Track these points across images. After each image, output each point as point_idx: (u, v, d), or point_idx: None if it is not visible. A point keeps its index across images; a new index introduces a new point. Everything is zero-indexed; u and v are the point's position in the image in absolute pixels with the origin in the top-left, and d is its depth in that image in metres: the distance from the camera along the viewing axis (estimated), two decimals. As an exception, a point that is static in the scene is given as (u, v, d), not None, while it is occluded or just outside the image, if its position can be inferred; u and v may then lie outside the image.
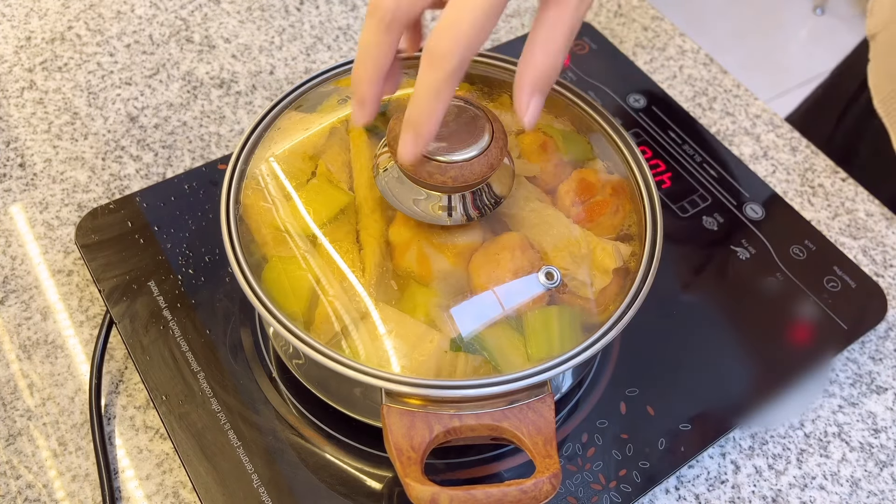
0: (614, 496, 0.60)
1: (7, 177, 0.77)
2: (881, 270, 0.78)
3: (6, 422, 0.62)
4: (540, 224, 0.58)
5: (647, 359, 0.68)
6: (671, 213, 0.77)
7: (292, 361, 0.62)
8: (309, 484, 0.59)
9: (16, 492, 0.59)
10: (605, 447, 0.62)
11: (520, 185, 0.60)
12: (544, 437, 0.48)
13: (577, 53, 0.91)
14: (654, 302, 0.57)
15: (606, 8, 1.00)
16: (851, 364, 0.72)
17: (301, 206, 0.57)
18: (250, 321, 0.67)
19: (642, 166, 0.61)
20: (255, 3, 0.95)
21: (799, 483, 0.65)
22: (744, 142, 0.87)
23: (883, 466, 0.66)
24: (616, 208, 0.60)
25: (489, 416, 0.49)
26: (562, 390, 0.64)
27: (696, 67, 0.94)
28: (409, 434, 0.48)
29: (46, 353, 0.66)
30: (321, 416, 0.62)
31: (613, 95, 0.87)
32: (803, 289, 0.73)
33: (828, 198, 0.83)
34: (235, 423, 0.60)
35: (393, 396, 0.49)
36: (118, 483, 0.60)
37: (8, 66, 0.86)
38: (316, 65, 0.89)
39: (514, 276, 0.54)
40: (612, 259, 0.57)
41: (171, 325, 0.65)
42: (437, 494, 0.45)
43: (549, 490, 0.46)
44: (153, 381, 0.62)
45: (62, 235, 0.73)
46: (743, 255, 0.75)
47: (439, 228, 0.55)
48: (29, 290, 0.69)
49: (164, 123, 0.82)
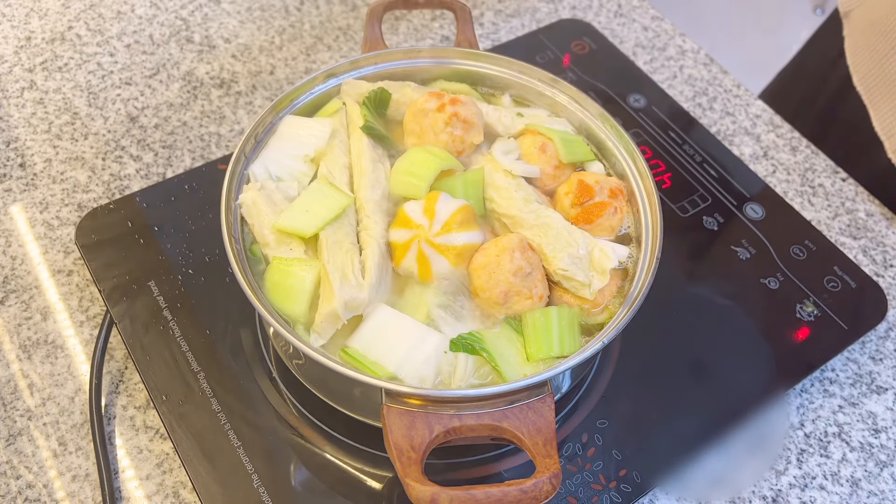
0: (614, 496, 0.60)
1: (7, 177, 0.77)
2: (881, 270, 0.78)
3: (6, 422, 0.62)
4: (539, 225, 0.58)
5: (647, 359, 0.68)
6: (671, 213, 0.77)
7: (292, 361, 0.62)
8: (309, 484, 0.59)
9: (16, 492, 0.59)
10: (605, 447, 0.62)
11: (519, 186, 0.60)
12: (544, 437, 0.48)
13: (577, 53, 0.91)
14: (654, 302, 0.57)
15: (606, 8, 1.00)
16: (851, 364, 0.72)
17: (302, 206, 0.57)
18: (250, 321, 0.67)
19: (642, 166, 0.61)
20: (255, 4, 0.95)
21: (799, 483, 0.65)
22: (744, 142, 0.87)
23: (883, 466, 0.66)
24: (615, 209, 0.60)
25: (489, 416, 0.49)
26: (562, 390, 0.64)
27: (696, 67, 0.94)
28: (409, 434, 0.48)
29: (46, 353, 0.66)
30: (321, 416, 0.62)
31: (613, 95, 0.87)
32: (803, 289, 0.73)
33: (828, 198, 0.83)
34: (235, 423, 0.60)
35: (393, 396, 0.49)
36: (118, 483, 0.60)
37: (8, 66, 0.86)
38: (316, 65, 0.89)
39: (513, 276, 0.54)
40: (610, 260, 0.57)
41: (171, 325, 0.65)
42: (437, 494, 0.45)
43: (549, 490, 0.46)
44: (153, 381, 0.62)
45: (62, 235, 0.73)
46: (743, 255, 0.75)
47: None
48: (29, 290, 0.69)
49: (164, 123, 0.82)
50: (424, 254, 0.56)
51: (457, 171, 0.61)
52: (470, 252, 0.56)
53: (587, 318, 0.57)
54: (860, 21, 0.87)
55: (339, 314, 0.53)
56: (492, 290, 0.54)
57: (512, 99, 0.69)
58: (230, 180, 0.57)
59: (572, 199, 0.60)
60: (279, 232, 0.56)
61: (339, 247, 0.55)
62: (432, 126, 0.61)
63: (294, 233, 0.56)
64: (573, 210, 0.60)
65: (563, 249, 0.56)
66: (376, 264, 0.56)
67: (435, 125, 0.61)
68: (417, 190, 0.58)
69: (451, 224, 0.56)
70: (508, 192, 0.59)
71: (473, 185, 0.60)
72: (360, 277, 0.54)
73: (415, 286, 0.57)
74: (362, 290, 0.54)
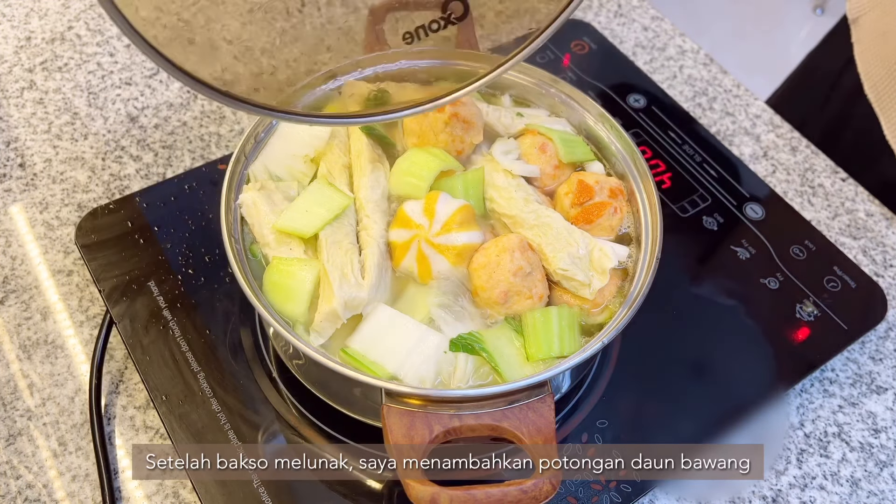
0: (614, 496, 0.60)
1: (7, 177, 0.77)
2: (881, 270, 0.78)
3: (6, 422, 0.62)
4: (539, 225, 0.58)
5: (647, 359, 0.68)
6: (671, 213, 0.77)
7: (292, 361, 0.62)
8: (309, 484, 0.59)
9: (16, 492, 0.59)
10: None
11: (519, 186, 0.60)
12: (544, 437, 0.48)
13: (577, 53, 0.91)
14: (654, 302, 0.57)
15: (606, 8, 1.00)
16: (851, 364, 0.72)
17: (301, 207, 0.57)
18: (250, 321, 0.67)
19: (642, 166, 0.61)
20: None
21: (799, 483, 0.65)
22: (744, 142, 0.87)
23: (883, 466, 0.66)
24: (615, 209, 0.60)
25: (489, 415, 0.49)
26: (562, 390, 0.64)
27: (696, 67, 0.94)
28: (409, 434, 0.48)
29: (46, 353, 0.66)
30: (321, 416, 0.62)
31: (613, 95, 0.87)
32: (803, 289, 0.73)
33: (828, 198, 0.83)
34: (235, 423, 0.60)
35: (393, 396, 0.49)
36: (118, 483, 0.60)
37: (8, 66, 0.86)
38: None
39: (513, 276, 0.54)
40: (610, 260, 0.57)
41: (171, 325, 0.65)
42: (437, 494, 0.45)
43: (549, 490, 0.46)
44: (153, 381, 0.62)
45: (62, 235, 0.73)
46: (743, 255, 0.75)
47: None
48: (29, 290, 0.69)
49: (164, 123, 0.82)
50: (424, 254, 0.56)
51: (457, 171, 0.61)
52: (470, 252, 0.56)
53: (587, 318, 0.57)
54: (871, 29, 0.87)
55: (338, 314, 0.53)
56: (492, 290, 0.54)
57: (512, 99, 0.69)
58: (230, 180, 0.57)
59: (572, 199, 0.60)
60: (279, 232, 0.56)
61: (339, 247, 0.55)
62: (432, 126, 0.61)
63: (294, 233, 0.56)
64: (573, 210, 0.60)
65: (563, 249, 0.56)
66: (376, 264, 0.56)
67: (435, 125, 0.61)
68: (417, 190, 0.58)
69: (451, 224, 0.56)
70: (508, 192, 0.59)
71: (473, 185, 0.60)
72: (360, 277, 0.55)
73: (414, 286, 0.57)
74: (362, 290, 0.54)
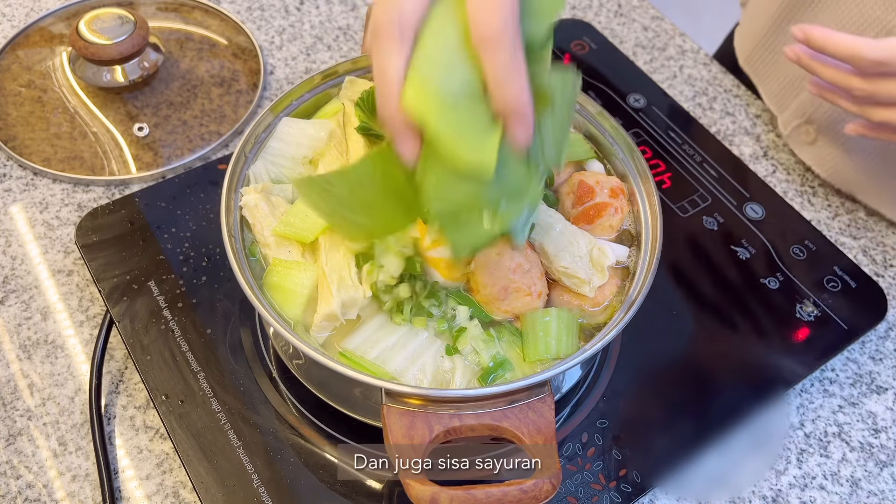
0: (614, 496, 0.60)
1: (7, 177, 0.77)
2: (881, 270, 0.78)
3: (6, 422, 0.62)
4: (539, 225, 0.58)
5: (647, 359, 0.68)
6: (671, 213, 0.77)
7: (292, 361, 0.62)
8: (309, 484, 0.59)
9: (16, 492, 0.59)
10: (605, 447, 0.62)
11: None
12: (544, 437, 0.48)
13: (577, 53, 0.91)
14: (654, 302, 0.57)
15: (606, 8, 1.00)
16: (851, 364, 0.72)
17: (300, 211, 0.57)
18: (250, 321, 0.67)
19: (642, 166, 0.61)
20: (255, 3, 0.95)
21: (799, 483, 0.65)
22: (744, 142, 0.87)
23: (883, 466, 0.66)
24: (616, 209, 0.60)
25: (489, 415, 0.49)
26: (562, 390, 0.64)
27: (696, 67, 0.94)
28: (409, 434, 0.48)
29: (46, 353, 0.66)
30: (321, 416, 0.62)
31: (613, 95, 0.87)
32: (803, 289, 0.73)
33: (828, 198, 0.83)
34: (235, 423, 0.60)
35: (393, 396, 0.49)
36: (118, 483, 0.60)
37: (8, 66, 0.85)
38: (316, 65, 0.89)
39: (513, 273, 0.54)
40: (609, 258, 0.57)
41: (171, 325, 0.65)
42: (437, 494, 0.45)
43: (549, 490, 0.46)
44: (153, 381, 0.62)
45: (62, 235, 0.73)
46: (743, 255, 0.75)
47: None
48: (29, 290, 0.69)
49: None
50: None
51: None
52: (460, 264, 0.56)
53: (587, 318, 0.57)
54: (753, 9, 0.90)
55: (337, 315, 0.53)
56: (492, 287, 0.54)
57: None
58: (230, 180, 0.57)
59: (573, 200, 0.60)
60: (279, 232, 0.56)
61: (337, 251, 0.55)
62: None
63: (294, 238, 0.56)
64: (574, 210, 0.60)
65: (564, 249, 0.56)
66: (376, 264, 0.55)
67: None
68: None
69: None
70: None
71: None
72: (357, 281, 0.55)
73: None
74: (359, 292, 0.54)
